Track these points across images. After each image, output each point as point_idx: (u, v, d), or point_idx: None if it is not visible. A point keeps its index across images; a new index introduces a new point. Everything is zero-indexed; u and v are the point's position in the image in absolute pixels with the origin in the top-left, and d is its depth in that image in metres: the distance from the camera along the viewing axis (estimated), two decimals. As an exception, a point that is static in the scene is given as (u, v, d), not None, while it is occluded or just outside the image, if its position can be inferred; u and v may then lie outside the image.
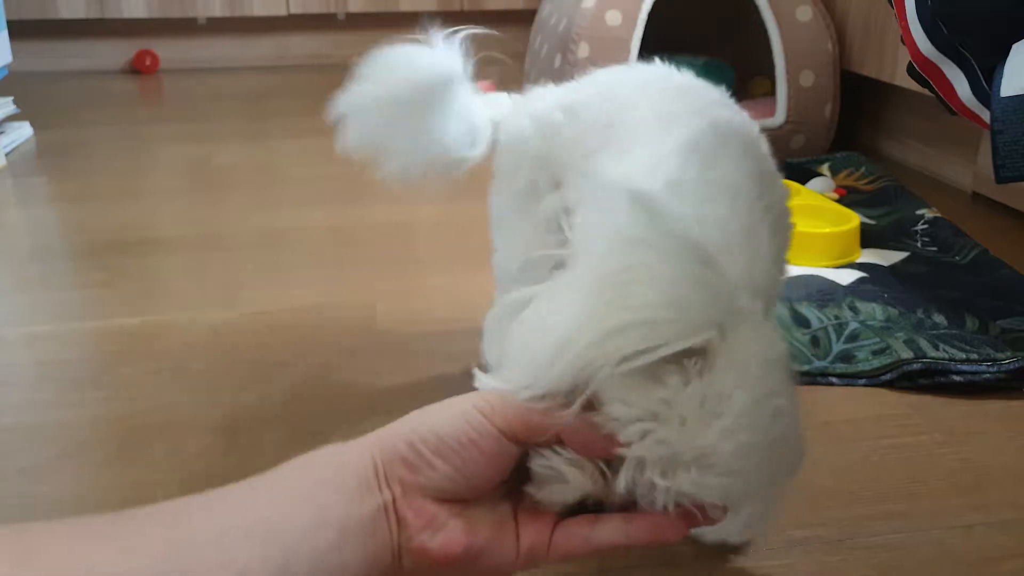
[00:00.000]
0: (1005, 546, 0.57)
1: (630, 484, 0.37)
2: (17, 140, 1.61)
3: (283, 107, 1.97)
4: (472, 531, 0.38)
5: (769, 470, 0.37)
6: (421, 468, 0.37)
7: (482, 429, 0.37)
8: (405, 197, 1.30)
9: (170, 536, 0.33)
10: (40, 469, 0.66)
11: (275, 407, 0.74)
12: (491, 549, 0.38)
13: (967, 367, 0.75)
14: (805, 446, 0.39)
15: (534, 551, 0.39)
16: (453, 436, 0.37)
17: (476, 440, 0.37)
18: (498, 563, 0.39)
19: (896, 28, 1.04)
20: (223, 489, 0.36)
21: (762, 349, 0.37)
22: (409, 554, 0.37)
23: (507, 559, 0.39)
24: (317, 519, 0.35)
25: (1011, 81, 0.58)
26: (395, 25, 2.47)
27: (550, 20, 1.50)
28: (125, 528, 0.34)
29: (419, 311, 0.92)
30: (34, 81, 2.16)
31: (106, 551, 0.32)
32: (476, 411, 0.37)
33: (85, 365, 0.82)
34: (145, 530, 0.34)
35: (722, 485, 0.36)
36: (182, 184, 1.40)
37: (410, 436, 0.37)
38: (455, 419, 0.37)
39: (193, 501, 0.35)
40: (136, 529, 0.34)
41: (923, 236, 1.08)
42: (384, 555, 0.37)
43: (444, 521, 0.37)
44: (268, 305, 0.94)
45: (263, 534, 0.34)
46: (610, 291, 0.35)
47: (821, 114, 1.40)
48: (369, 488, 0.37)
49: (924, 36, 0.66)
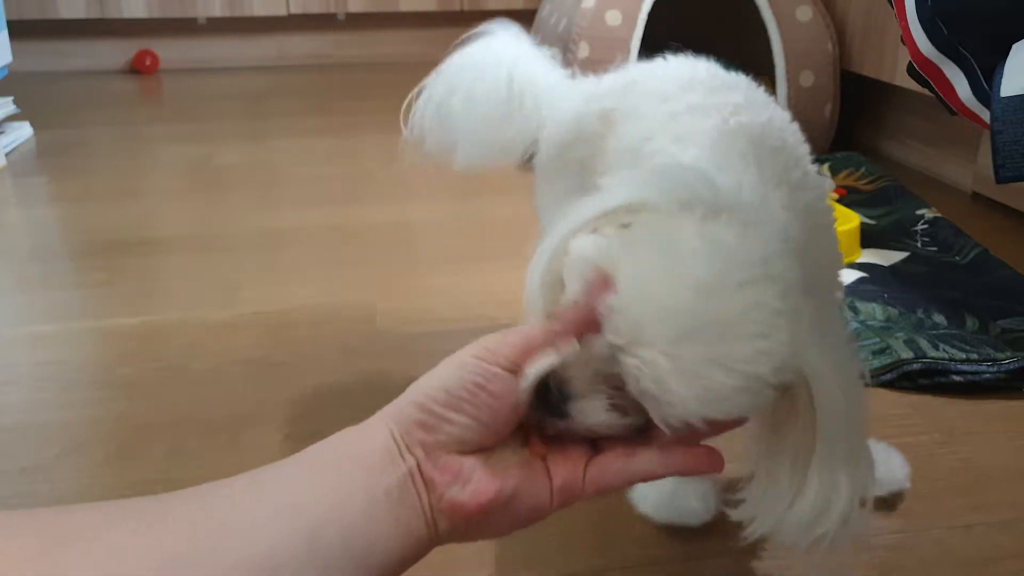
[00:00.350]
0: (1005, 546, 0.57)
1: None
2: (17, 140, 1.61)
3: (283, 107, 1.97)
4: (500, 475, 0.37)
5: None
6: (437, 425, 0.37)
7: (486, 372, 0.37)
8: (405, 197, 1.30)
9: (196, 519, 0.34)
10: (41, 468, 0.66)
11: (275, 407, 0.74)
12: (523, 491, 0.38)
13: (967, 367, 0.75)
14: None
15: (568, 488, 0.39)
16: (460, 386, 0.37)
17: (483, 384, 0.37)
18: (533, 504, 0.38)
19: (896, 28, 1.04)
20: (248, 473, 0.36)
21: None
22: (442, 515, 0.37)
23: (542, 500, 0.39)
24: (343, 494, 0.35)
25: (1011, 81, 0.58)
26: (395, 25, 2.48)
27: (550, 20, 1.50)
28: (152, 511, 0.34)
29: (419, 311, 0.92)
30: (34, 81, 2.16)
31: (135, 534, 0.33)
32: (474, 359, 0.38)
33: (85, 365, 0.82)
34: (172, 514, 0.34)
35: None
36: (182, 184, 1.40)
37: (419, 398, 0.38)
38: (457, 371, 0.38)
39: (219, 485, 0.36)
40: (162, 513, 0.34)
41: (923, 236, 1.08)
42: (417, 523, 0.37)
43: (470, 472, 0.37)
44: (268, 305, 0.94)
45: (290, 511, 0.34)
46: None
47: (821, 114, 1.40)
48: (391, 459, 0.37)
49: (924, 36, 0.66)
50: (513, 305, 0.93)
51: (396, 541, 0.36)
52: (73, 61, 2.40)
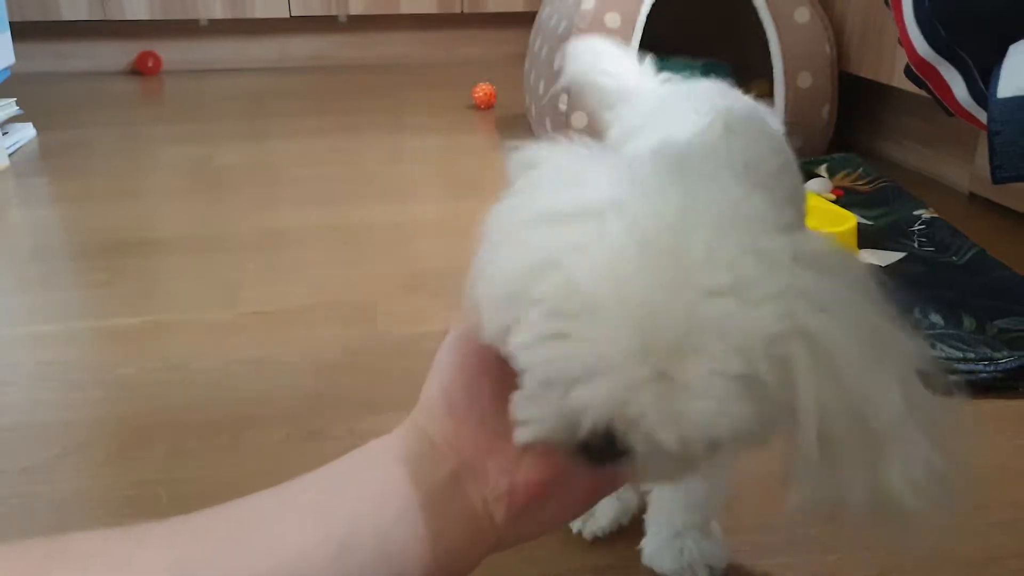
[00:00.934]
0: (1004, 545, 0.57)
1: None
2: (20, 141, 1.62)
3: (284, 108, 1.97)
4: (549, 452, 0.35)
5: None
6: (467, 411, 0.36)
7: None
8: (405, 197, 1.31)
9: (215, 528, 0.32)
10: (41, 468, 0.66)
11: (276, 407, 0.74)
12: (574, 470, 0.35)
13: (964, 366, 0.75)
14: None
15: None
16: (471, 371, 0.36)
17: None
18: (587, 485, 0.37)
19: (894, 30, 1.04)
20: (273, 488, 0.35)
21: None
22: (498, 503, 0.35)
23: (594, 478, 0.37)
24: (377, 500, 0.34)
25: (1008, 82, 0.58)
26: (396, 27, 2.49)
27: (550, 22, 1.50)
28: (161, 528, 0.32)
29: (419, 311, 0.92)
30: (37, 82, 2.17)
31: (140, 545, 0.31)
32: (465, 339, 0.37)
33: (86, 365, 0.82)
34: (187, 525, 0.33)
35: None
36: (183, 185, 1.41)
37: (438, 394, 0.37)
38: (459, 357, 0.37)
39: (239, 500, 0.34)
40: (172, 527, 0.32)
41: (920, 236, 1.08)
42: (470, 517, 0.35)
43: (519, 455, 0.35)
44: (268, 305, 0.94)
45: (320, 518, 0.33)
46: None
47: (819, 115, 1.41)
48: (432, 458, 0.36)
49: (921, 38, 0.67)
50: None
51: (445, 540, 0.34)
52: (75, 62, 2.41)
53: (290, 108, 1.97)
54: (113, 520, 0.60)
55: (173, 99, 2.12)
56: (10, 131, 1.62)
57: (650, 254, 0.29)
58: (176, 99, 2.12)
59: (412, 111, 1.90)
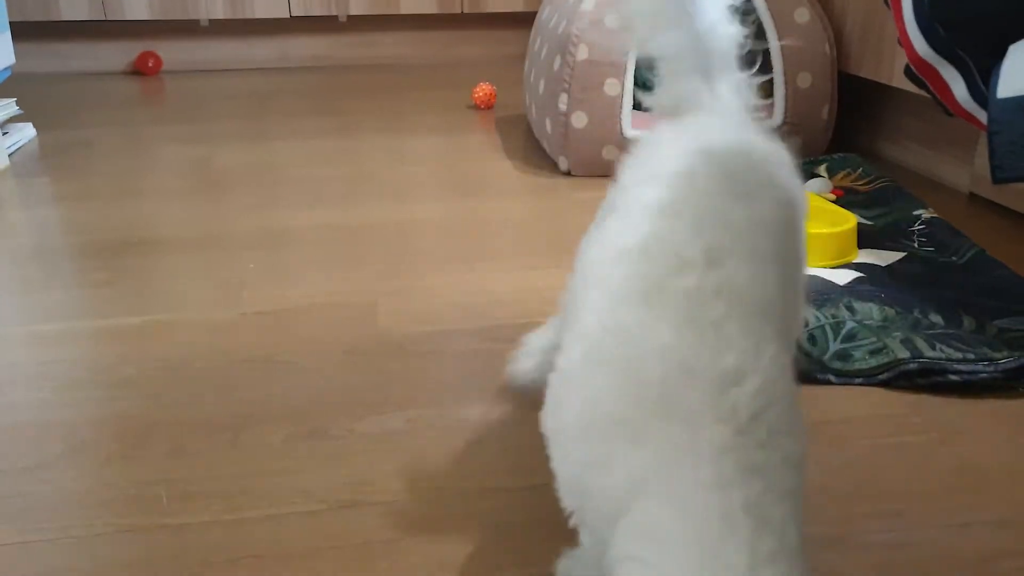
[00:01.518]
0: (1003, 545, 0.58)
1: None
2: (20, 141, 1.62)
3: (284, 108, 1.98)
4: None
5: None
6: None
7: None
8: (405, 197, 1.31)
9: None
10: (42, 468, 0.66)
11: (277, 407, 0.74)
12: None
13: (964, 367, 0.76)
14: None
15: None
16: None
17: None
18: None
19: (893, 30, 1.05)
20: None
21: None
22: None
23: None
24: None
25: (1008, 82, 0.58)
26: (396, 27, 2.49)
27: (549, 22, 1.50)
28: None
29: (420, 311, 0.92)
30: (37, 82, 2.17)
31: None
32: None
33: (87, 364, 0.82)
34: None
35: None
36: (184, 184, 1.41)
37: None
38: None
39: None
40: None
41: (920, 236, 1.08)
42: None
43: None
44: (269, 305, 0.94)
45: None
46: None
47: (819, 115, 1.41)
48: None
49: (921, 38, 0.67)
50: (513, 305, 0.93)
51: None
52: (76, 63, 2.41)
53: (290, 108, 1.97)
54: (114, 519, 0.60)
55: (173, 99, 2.13)
56: (10, 131, 1.62)
57: None
58: (176, 99, 2.12)
59: (412, 111, 1.90)
